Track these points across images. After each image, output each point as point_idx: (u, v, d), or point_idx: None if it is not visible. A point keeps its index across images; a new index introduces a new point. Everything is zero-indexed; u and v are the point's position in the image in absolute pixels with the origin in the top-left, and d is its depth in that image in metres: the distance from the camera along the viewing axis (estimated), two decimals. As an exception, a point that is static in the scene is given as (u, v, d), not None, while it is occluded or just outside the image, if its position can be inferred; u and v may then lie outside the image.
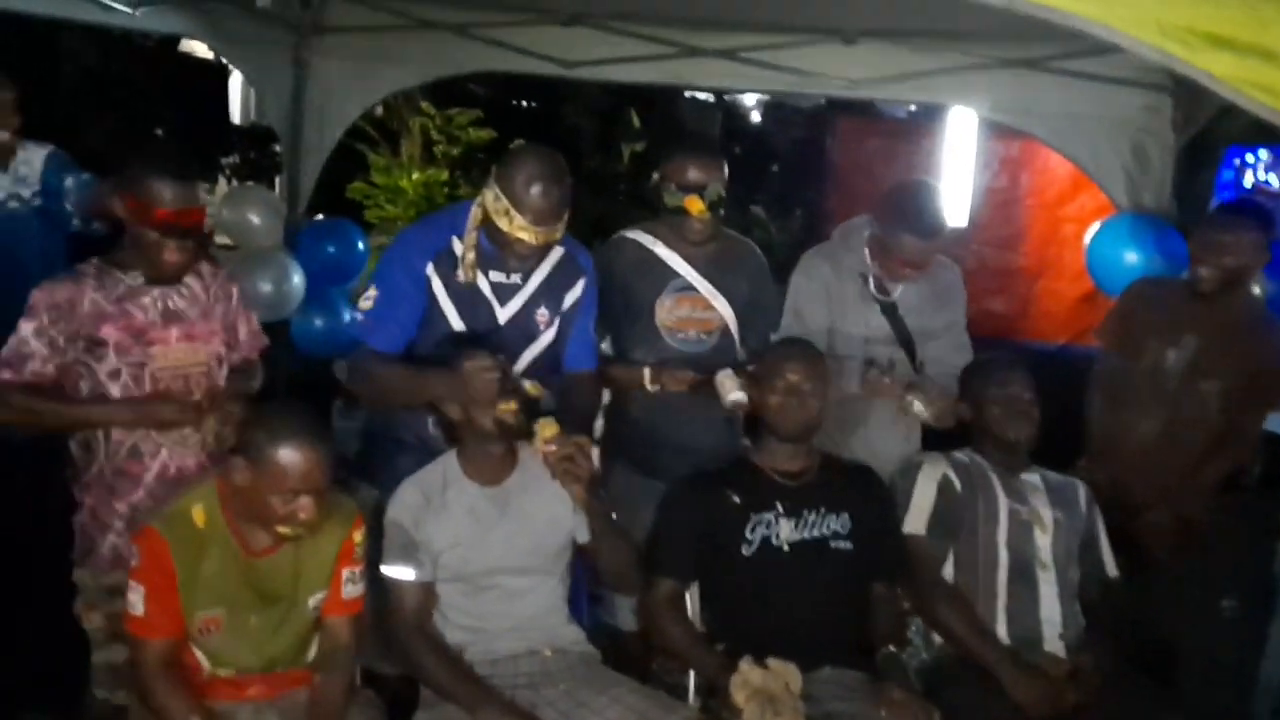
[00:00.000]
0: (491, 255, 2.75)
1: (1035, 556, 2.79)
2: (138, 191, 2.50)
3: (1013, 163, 8.31)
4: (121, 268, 2.59)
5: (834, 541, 2.71)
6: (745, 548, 2.68)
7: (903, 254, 3.06)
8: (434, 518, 2.58)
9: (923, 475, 2.87)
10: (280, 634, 2.43)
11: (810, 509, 2.72)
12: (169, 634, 2.32)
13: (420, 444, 2.77)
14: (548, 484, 2.62)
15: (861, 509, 2.76)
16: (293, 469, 2.25)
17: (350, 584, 2.47)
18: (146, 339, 2.58)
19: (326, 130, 4.82)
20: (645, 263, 3.04)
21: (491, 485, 2.64)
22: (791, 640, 2.56)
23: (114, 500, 2.60)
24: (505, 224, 2.63)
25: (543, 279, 2.84)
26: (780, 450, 2.77)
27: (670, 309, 3.04)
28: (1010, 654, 2.69)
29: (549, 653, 2.61)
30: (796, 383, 2.72)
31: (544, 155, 2.67)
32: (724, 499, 2.71)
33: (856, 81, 4.48)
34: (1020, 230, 8.34)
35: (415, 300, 2.74)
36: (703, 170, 2.95)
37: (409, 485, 2.62)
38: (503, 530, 2.60)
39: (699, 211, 2.95)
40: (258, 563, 2.38)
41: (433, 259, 2.74)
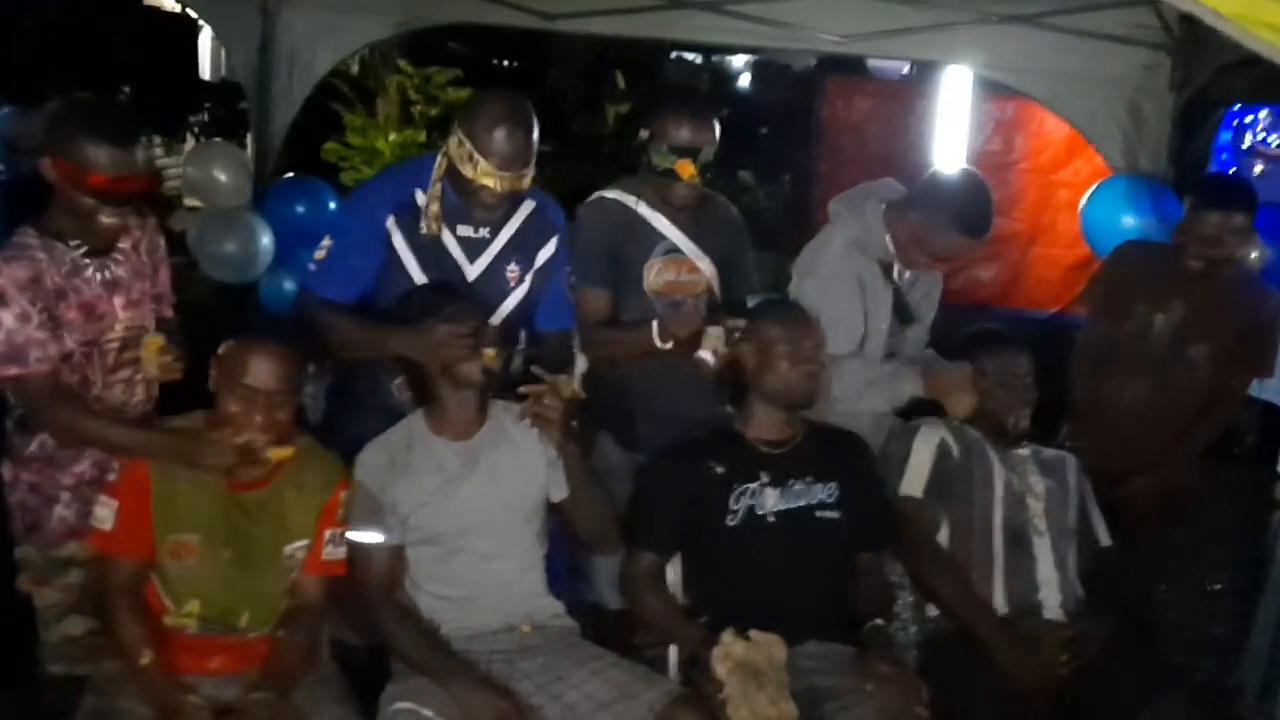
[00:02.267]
0: (458, 209, 2.70)
1: (1030, 525, 2.80)
2: (71, 155, 2.36)
3: (1007, 126, 8.29)
4: (61, 238, 2.46)
5: (820, 511, 2.68)
6: (729, 518, 2.65)
7: (944, 250, 2.92)
8: (400, 478, 2.54)
9: (920, 438, 2.85)
10: (252, 577, 2.40)
11: (796, 478, 2.69)
12: (136, 554, 2.33)
13: (385, 408, 2.72)
14: (520, 438, 2.57)
15: (849, 477, 2.73)
16: (251, 363, 2.30)
17: (331, 545, 2.46)
18: (97, 314, 2.49)
19: (296, 84, 4.73)
20: (629, 225, 2.96)
21: (461, 440, 2.59)
22: (776, 612, 2.53)
23: (57, 473, 2.54)
24: (470, 171, 2.57)
25: (513, 233, 2.78)
26: (767, 418, 2.74)
27: (658, 273, 2.97)
28: (1004, 624, 2.68)
29: (527, 629, 2.58)
30: (809, 350, 2.68)
31: (510, 98, 2.61)
32: (706, 469, 2.68)
33: (848, 37, 4.42)
34: (1014, 195, 8.30)
35: (372, 254, 2.68)
36: (697, 131, 2.86)
37: (373, 447, 2.58)
38: (473, 487, 2.55)
39: (689, 176, 2.86)
40: (239, 496, 2.37)
41: (394, 211, 2.68)
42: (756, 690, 2.35)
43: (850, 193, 3.10)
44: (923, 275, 3.09)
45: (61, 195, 2.44)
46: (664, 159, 2.87)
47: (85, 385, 2.51)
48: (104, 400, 2.52)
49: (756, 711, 2.33)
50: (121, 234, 2.55)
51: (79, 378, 2.49)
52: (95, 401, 2.51)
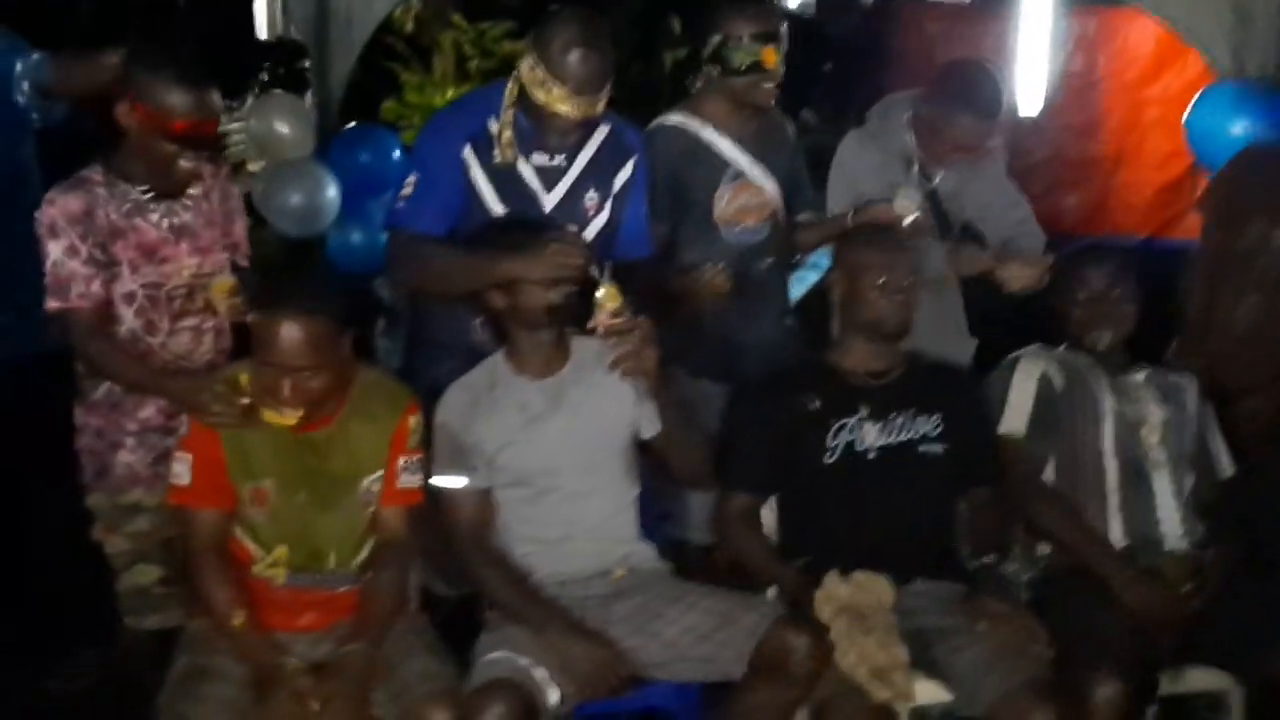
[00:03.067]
0: (531, 135, 2.61)
1: (1145, 456, 2.67)
2: (151, 100, 2.37)
3: (1089, 43, 7.95)
4: (128, 179, 2.46)
5: (924, 445, 2.59)
6: (827, 456, 2.56)
7: (957, 136, 3.02)
8: (483, 418, 2.48)
9: (1020, 372, 2.73)
10: (331, 516, 2.37)
11: (898, 411, 2.59)
12: (217, 504, 2.32)
13: (466, 350, 2.66)
14: (604, 375, 2.49)
15: (954, 409, 2.63)
16: (271, 341, 2.22)
17: (406, 473, 2.41)
18: (160, 257, 2.48)
19: (356, 30, 4.66)
20: (695, 152, 2.90)
21: (543, 378, 2.52)
22: (880, 552, 2.45)
23: (122, 418, 2.53)
24: (543, 96, 2.49)
25: (589, 159, 2.69)
26: (865, 349, 2.63)
27: (729, 200, 2.92)
28: (1123, 556, 2.57)
29: (620, 572, 2.52)
30: (898, 277, 2.58)
31: (584, 17, 2.52)
32: (802, 404, 2.58)
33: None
34: (1098, 116, 8.00)
35: (456, 184, 2.61)
36: (768, 17, 2.86)
37: (455, 388, 2.53)
38: (558, 425, 2.49)
39: (774, 63, 2.81)
40: (307, 436, 2.34)
41: (468, 141, 2.60)
42: (864, 634, 2.27)
43: (890, 98, 3.23)
44: (965, 185, 3.15)
45: (138, 140, 2.43)
46: (746, 53, 2.81)
47: (151, 329, 2.50)
48: (168, 347, 2.51)
49: (865, 656, 2.25)
50: (193, 180, 2.53)
51: (144, 321, 2.49)
52: (161, 348, 2.50)
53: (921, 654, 2.33)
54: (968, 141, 3.03)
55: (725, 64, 2.83)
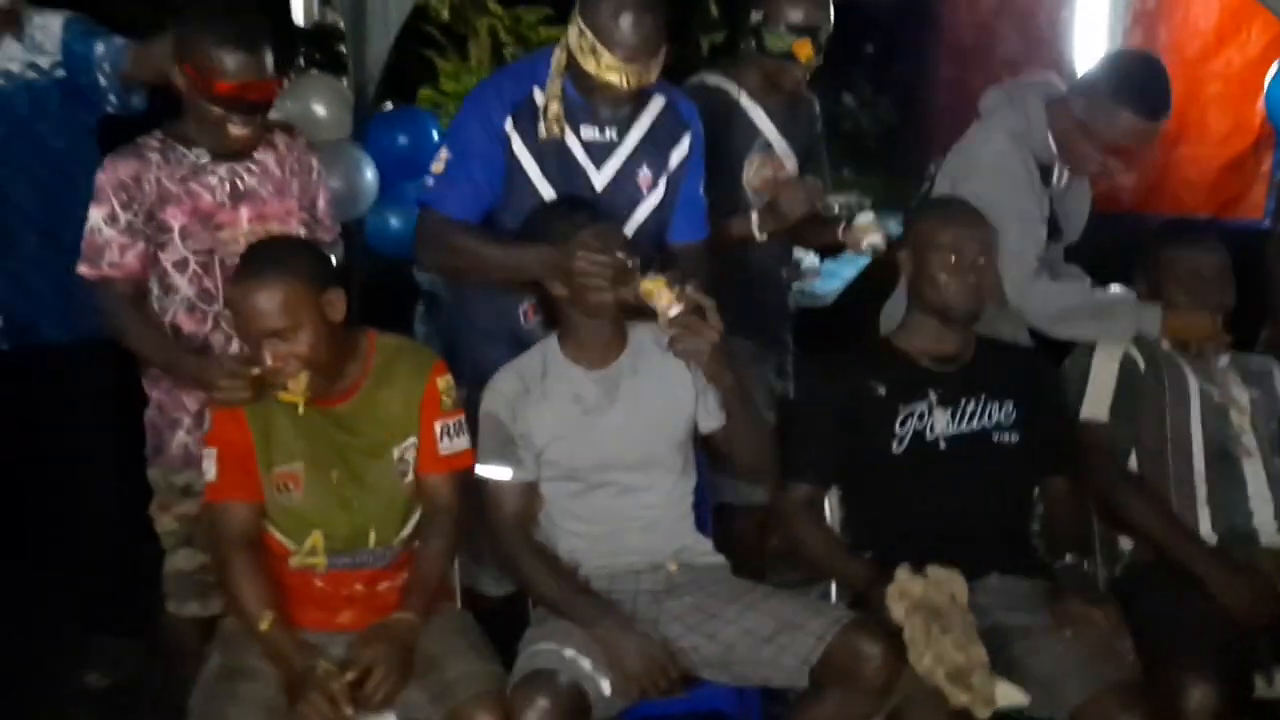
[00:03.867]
0: (581, 107, 2.49)
1: (1236, 441, 2.54)
2: (197, 61, 2.32)
3: (1149, 16, 7.71)
4: (186, 143, 2.42)
5: (998, 434, 2.46)
6: (895, 444, 2.43)
7: (1116, 137, 2.62)
8: (534, 407, 2.36)
9: (1101, 353, 2.60)
10: (367, 491, 2.29)
11: (969, 397, 2.46)
12: (247, 496, 2.25)
13: (511, 336, 2.55)
14: (663, 364, 2.37)
15: (1028, 395, 2.49)
16: (240, 311, 2.18)
17: (447, 437, 2.32)
18: (215, 222, 2.43)
19: (393, 7, 4.54)
20: (728, 116, 2.85)
21: (599, 368, 2.40)
22: (952, 545, 2.32)
23: (182, 395, 2.48)
24: (592, 64, 2.36)
25: (643, 134, 2.56)
26: (933, 331, 2.50)
27: (757, 169, 2.91)
28: (1216, 550, 2.43)
29: (674, 567, 2.40)
30: (972, 255, 2.43)
31: None
32: (867, 389, 2.45)
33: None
34: (1158, 91, 7.81)
35: (493, 160, 2.48)
36: (814, 9, 2.77)
37: (505, 373, 2.41)
38: (613, 418, 2.37)
39: (808, 58, 2.77)
40: (331, 411, 2.28)
41: (511, 112, 2.48)
42: (940, 633, 2.13)
43: (1006, 85, 2.85)
44: (1073, 188, 2.87)
45: (191, 103, 2.39)
46: (780, 40, 2.77)
47: (206, 297, 2.45)
48: (226, 315, 2.44)
49: (942, 656, 2.11)
50: (258, 144, 2.46)
51: (197, 289, 2.44)
52: (219, 317, 2.45)
53: (999, 653, 2.18)
54: (1126, 144, 2.64)
55: (759, 43, 2.81)
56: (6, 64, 2.90)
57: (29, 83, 2.91)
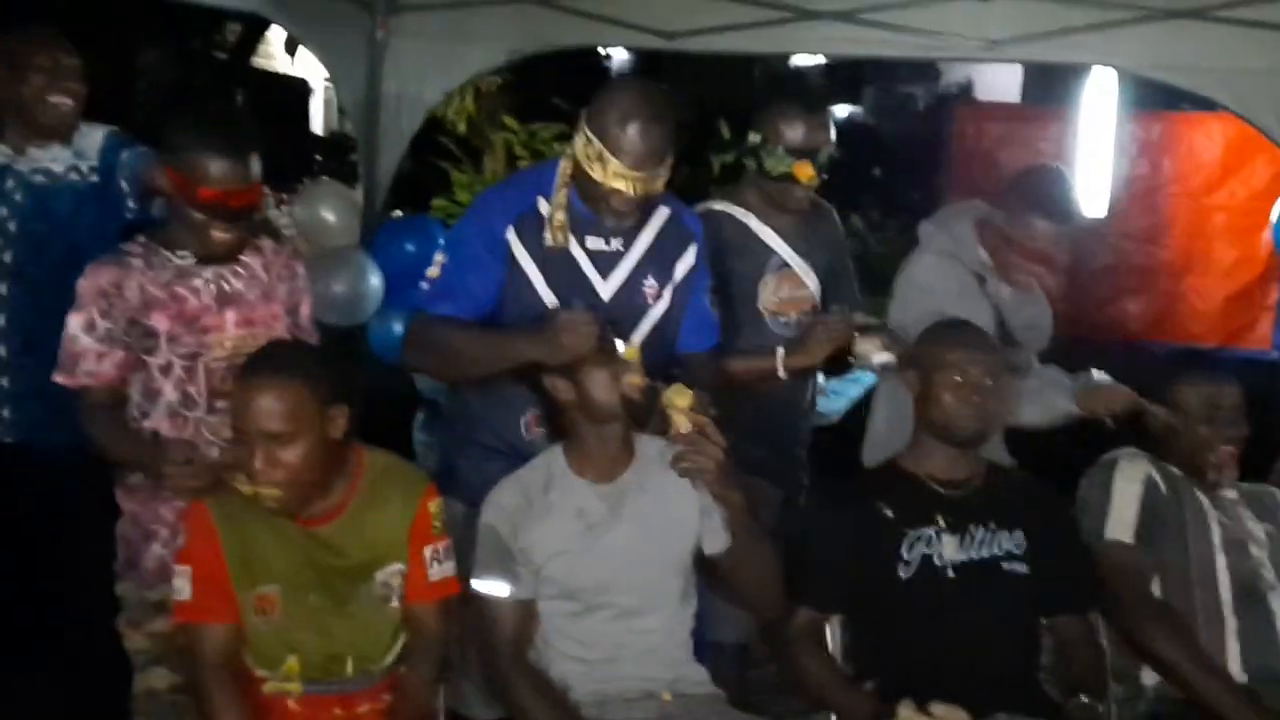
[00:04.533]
0: (587, 219, 2.47)
1: (1258, 575, 2.45)
2: (181, 166, 2.31)
3: (1154, 148, 7.87)
4: (170, 246, 2.40)
5: (1007, 563, 2.37)
6: (902, 569, 2.35)
7: (1033, 241, 2.84)
8: (536, 522, 2.28)
9: (1122, 475, 2.52)
10: (346, 617, 2.20)
11: (977, 524, 2.38)
12: (222, 618, 2.15)
13: (511, 450, 2.49)
14: (670, 480, 2.28)
15: (1039, 526, 2.41)
16: (240, 408, 2.10)
17: (436, 563, 2.24)
18: (200, 326, 2.40)
19: (405, 118, 4.60)
20: (742, 240, 2.84)
21: (605, 482, 2.33)
22: (958, 680, 2.23)
23: (159, 506, 2.41)
24: (599, 172, 2.35)
25: (649, 244, 2.54)
26: (940, 454, 2.43)
27: (774, 290, 2.86)
28: (1247, 692, 2.32)
29: (668, 696, 2.30)
30: (977, 376, 2.38)
31: (642, 89, 2.41)
32: (874, 512, 2.38)
33: (996, 43, 4.13)
34: (1163, 222, 7.90)
35: (491, 269, 2.46)
36: (813, 130, 2.75)
37: (507, 484, 2.34)
38: (617, 535, 2.29)
39: (809, 179, 2.74)
40: (314, 532, 2.19)
41: (514, 222, 2.46)
42: (944, 774, 2.02)
43: (938, 213, 3.07)
44: (1027, 303, 2.97)
45: (174, 206, 2.38)
46: (779, 162, 2.74)
47: (188, 403, 2.41)
48: (208, 424, 2.40)
49: (947, 802, 1.99)
50: (243, 248, 2.45)
51: (180, 395, 2.40)
52: (199, 425, 2.40)
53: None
54: (1044, 249, 2.86)
55: (759, 165, 2.78)
56: (50, 164, 2.97)
57: (71, 185, 2.97)
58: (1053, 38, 4.09)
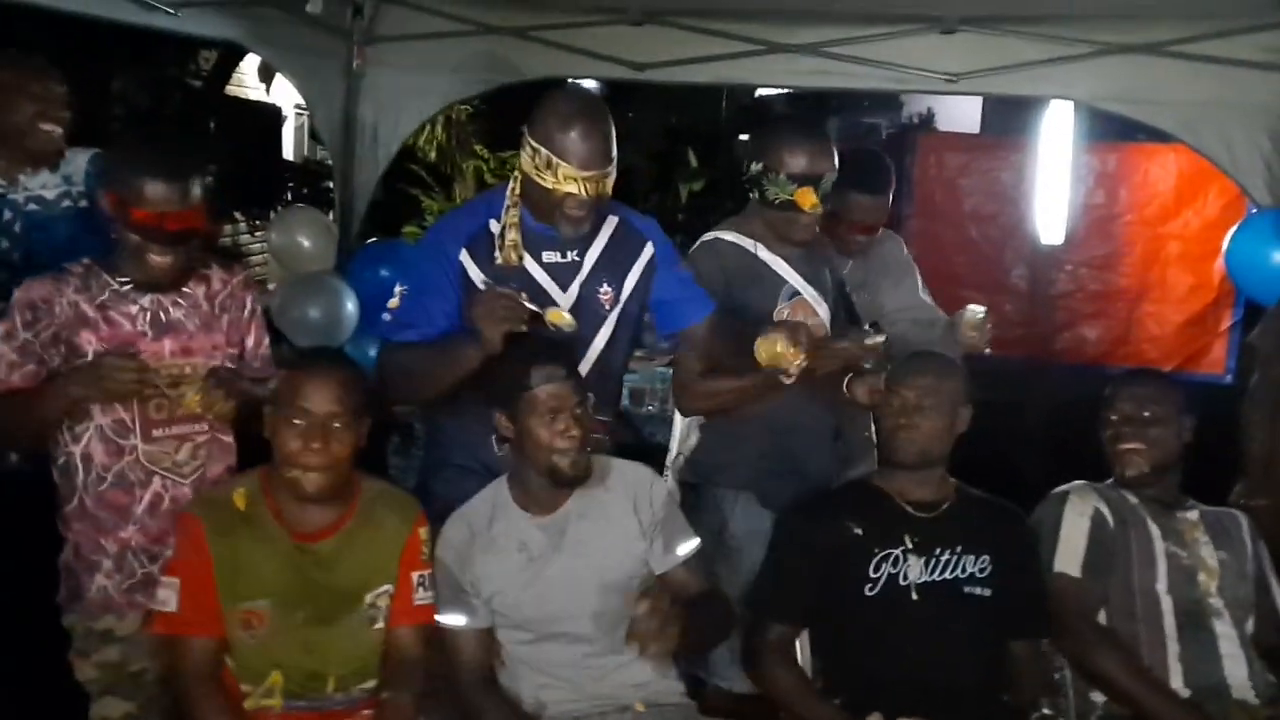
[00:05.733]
0: (541, 234, 2.51)
1: (1203, 602, 2.49)
2: (117, 187, 2.28)
3: (1109, 178, 7.98)
4: (112, 271, 2.37)
5: (970, 586, 2.43)
6: (868, 587, 2.40)
7: (854, 215, 3.16)
8: (480, 557, 2.31)
9: (1071, 508, 2.57)
10: (333, 635, 2.21)
11: (944, 547, 2.43)
12: (208, 631, 2.16)
13: (485, 468, 2.51)
14: (612, 502, 2.34)
15: (1003, 551, 2.46)
16: (302, 390, 2.16)
17: (421, 588, 2.29)
18: (135, 351, 2.34)
19: (381, 146, 4.60)
20: (751, 270, 2.77)
21: (545, 514, 2.34)
22: (921, 695, 2.28)
23: (100, 537, 2.38)
24: (550, 179, 2.39)
25: (601, 251, 2.58)
26: (904, 477, 2.49)
27: (789, 319, 2.75)
28: (1188, 704, 2.37)
29: (640, 708, 2.32)
30: (912, 400, 2.44)
31: (578, 94, 2.48)
32: (844, 529, 2.43)
33: (957, 75, 4.18)
34: (1119, 250, 8.00)
35: (448, 292, 2.48)
36: (816, 157, 2.68)
37: (453, 521, 2.36)
38: (559, 567, 2.31)
39: (811, 206, 2.67)
40: (308, 548, 2.22)
41: (466, 244, 2.50)
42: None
43: None
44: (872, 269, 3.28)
45: (114, 229, 2.33)
46: (782, 190, 2.68)
47: (121, 430, 2.37)
48: (146, 454, 2.37)
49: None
50: (185, 275, 2.42)
51: (112, 419, 2.36)
52: (135, 453, 2.37)
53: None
54: (865, 219, 3.18)
55: (761, 194, 2.73)
56: (41, 190, 2.96)
57: (65, 211, 2.97)
58: (1012, 71, 4.14)
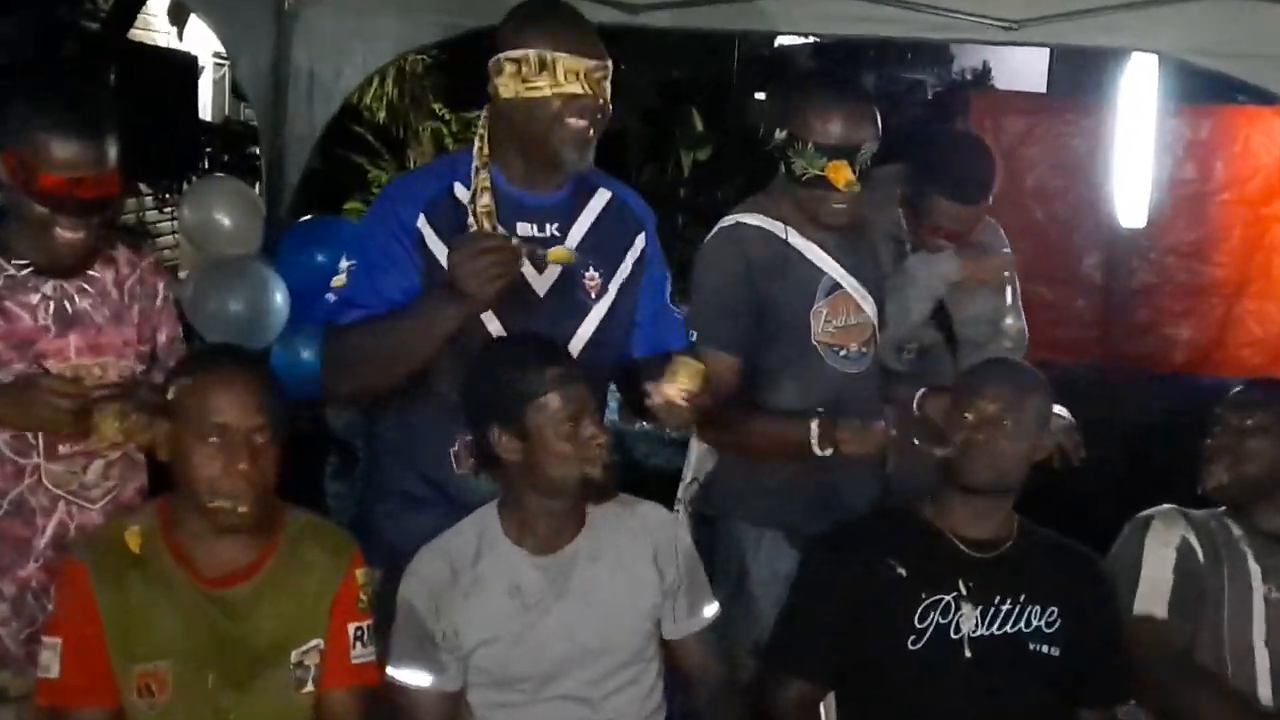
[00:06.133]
0: (516, 201, 2.50)
1: None
2: (20, 148, 2.24)
3: (1202, 147, 8.00)
4: (6, 252, 2.35)
5: (1034, 643, 2.43)
6: (912, 640, 2.39)
7: (939, 221, 3.12)
8: (463, 600, 2.28)
9: (1154, 538, 2.60)
10: (254, 702, 2.19)
11: (1004, 595, 2.44)
12: (98, 701, 2.14)
13: (441, 495, 2.49)
14: (628, 545, 2.35)
15: (1075, 602, 2.47)
16: (214, 400, 2.12)
17: (360, 643, 2.27)
18: (36, 351, 2.34)
19: (318, 103, 4.62)
20: (782, 260, 2.75)
21: (546, 552, 2.33)
22: None
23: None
24: (547, 84, 2.38)
25: (588, 228, 2.57)
26: (965, 509, 2.48)
27: (827, 319, 2.79)
28: None
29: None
30: (992, 413, 2.42)
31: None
32: (884, 568, 2.43)
33: (1018, 22, 4.22)
34: (1215, 235, 8.04)
35: (405, 265, 2.46)
36: (853, 124, 2.66)
37: (430, 553, 2.33)
38: (561, 615, 2.30)
39: (847, 184, 2.66)
40: (221, 596, 2.19)
41: (424, 209, 2.47)
42: None
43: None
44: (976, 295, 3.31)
45: (13, 200, 2.30)
46: (811, 163, 2.66)
47: (22, 448, 2.37)
48: (49, 475, 2.38)
49: None
50: (94, 257, 2.41)
51: (9, 437, 2.36)
52: (36, 474, 2.38)
53: None
54: (951, 228, 3.13)
55: (787, 168, 2.72)
56: None
57: None
58: (1083, 17, 4.18)
